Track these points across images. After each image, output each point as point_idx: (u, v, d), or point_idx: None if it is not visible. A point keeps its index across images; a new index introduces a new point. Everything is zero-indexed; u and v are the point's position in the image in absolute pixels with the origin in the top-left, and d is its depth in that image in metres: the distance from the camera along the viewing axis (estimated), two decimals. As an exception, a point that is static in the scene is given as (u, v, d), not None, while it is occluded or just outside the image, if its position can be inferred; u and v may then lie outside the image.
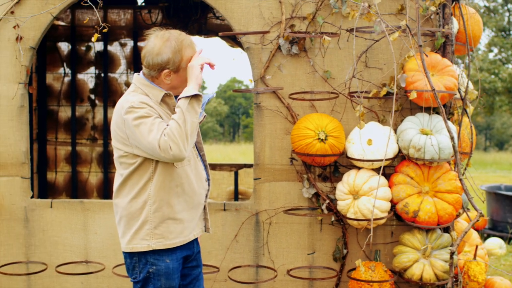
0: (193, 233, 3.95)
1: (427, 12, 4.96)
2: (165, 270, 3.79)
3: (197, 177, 3.91)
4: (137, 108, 3.63)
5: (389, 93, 4.88)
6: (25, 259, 5.36)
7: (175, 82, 3.82)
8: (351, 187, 4.81)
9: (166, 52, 3.72)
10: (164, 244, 3.79)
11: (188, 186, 3.83)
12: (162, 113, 3.76)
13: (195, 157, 3.92)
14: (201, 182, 3.95)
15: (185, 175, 3.81)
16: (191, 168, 3.86)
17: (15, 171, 5.34)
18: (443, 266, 4.77)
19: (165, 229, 3.80)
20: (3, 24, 5.26)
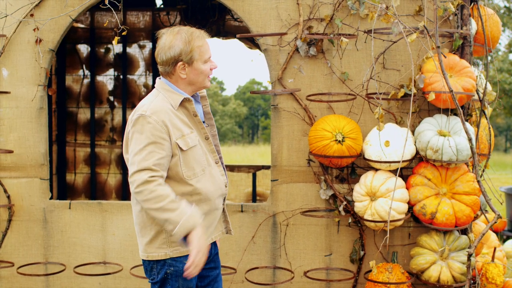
0: (211, 237, 3.96)
1: (445, 13, 4.94)
2: (182, 271, 3.76)
3: (215, 185, 3.89)
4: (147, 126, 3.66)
5: (407, 94, 4.87)
6: (43, 260, 5.40)
7: (191, 75, 3.82)
8: (368, 188, 4.81)
9: (177, 44, 3.75)
10: (181, 251, 3.80)
11: (204, 195, 3.83)
12: (177, 120, 3.76)
13: (211, 164, 3.90)
14: (219, 189, 3.93)
15: (200, 186, 3.81)
16: (207, 178, 3.84)
17: (34, 173, 5.38)
18: (460, 268, 4.75)
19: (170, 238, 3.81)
20: (23, 26, 5.31)
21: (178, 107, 3.81)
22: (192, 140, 3.78)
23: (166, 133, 3.69)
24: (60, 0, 5.28)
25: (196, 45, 3.78)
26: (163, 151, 3.67)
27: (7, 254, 5.40)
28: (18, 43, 5.32)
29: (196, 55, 3.78)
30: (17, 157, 5.36)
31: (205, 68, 3.83)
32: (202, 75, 3.84)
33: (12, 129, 5.35)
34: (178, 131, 3.73)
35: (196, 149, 3.80)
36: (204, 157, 3.84)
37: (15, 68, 5.34)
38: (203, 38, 3.86)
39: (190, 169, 3.76)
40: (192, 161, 3.77)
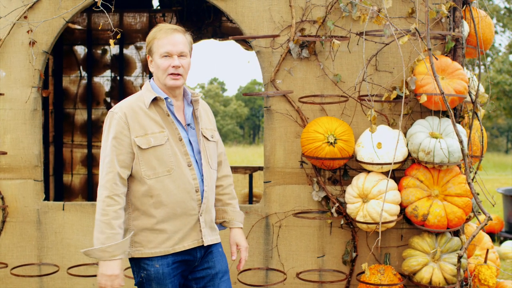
0: (183, 245, 3.86)
1: (438, 15, 4.96)
2: (154, 275, 3.78)
3: (181, 188, 3.79)
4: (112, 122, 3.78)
5: (399, 96, 4.88)
6: (37, 261, 5.42)
7: (153, 69, 3.87)
8: (360, 190, 4.82)
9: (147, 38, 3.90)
10: (142, 253, 3.81)
11: (166, 197, 3.77)
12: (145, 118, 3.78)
13: (182, 166, 3.81)
14: (187, 193, 3.82)
15: (160, 186, 3.76)
16: (172, 179, 3.78)
17: (28, 174, 5.40)
18: (452, 269, 4.76)
19: (144, 238, 3.81)
20: (16, 28, 5.33)
21: (152, 106, 3.82)
22: (156, 139, 3.75)
23: (127, 129, 3.74)
24: (53, 2, 5.29)
25: (156, 38, 3.80)
26: (123, 148, 3.73)
27: (1, 255, 5.42)
28: (12, 45, 5.34)
29: (154, 48, 3.81)
30: (11, 158, 5.37)
31: (161, 63, 3.79)
32: (160, 70, 3.81)
33: (6, 131, 5.37)
34: (141, 129, 3.75)
35: (162, 148, 3.76)
36: (173, 158, 3.78)
37: (9, 70, 5.35)
38: (168, 33, 3.81)
39: (150, 168, 3.74)
40: (154, 161, 3.75)
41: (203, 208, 3.89)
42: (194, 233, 3.89)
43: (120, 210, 3.70)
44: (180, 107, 3.94)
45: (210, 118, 4.15)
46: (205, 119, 4.07)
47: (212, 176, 3.99)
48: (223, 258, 4.07)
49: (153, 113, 3.80)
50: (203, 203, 3.88)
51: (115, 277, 3.68)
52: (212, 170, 4.00)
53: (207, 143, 3.99)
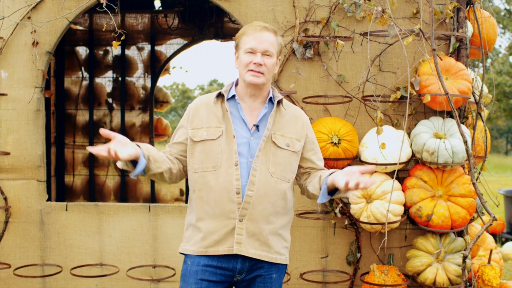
0: (217, 249, 3.62)
1: (442, 15, 4.95)
2: (183, 271, 3.70)
3: (221, 186, 3.59)
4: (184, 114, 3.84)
5: (403, 97, 4.87)
6: (40, 261, 5.41)
7: (237, 65, 3.77)
8: (364, 191, 4.81)
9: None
10: (183, 248, 3.74)
11: (206, 194, 3.62)
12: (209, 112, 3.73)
13: (228, 165, 3.62)
14: (227, 193, 3.59)
15: (202, 182, 3.64)
16: (216, 176, 3.61)
17: (31, 175, 5.39)
18: (456, 270, 4.76)
19: (189, 234, 3.74)
20: (20, 29, 5.32)
21: (217, 101, 3.75)
22: (209, 134, 3.66)
23: (187, 122, 3.75)
24: (57, 3, 5.29)
25: (245, 34, 3.68)
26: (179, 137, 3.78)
27: (4, 255, 5.41)
28: (15, 45, 5.33)
29: (240, 43, 3.70)
30: (14, 159, 5.36)
31: (243, 58, 3.65)
32: (241, 66, 3.68)
33: (9, 131, 5.36)
34: (199, 121, 3.71)
35: (212, 144, 3.64)
36: (221, 155, 3.62)
37: (12, 70, 5.34)
38: (257, 30, 3.66)
39: (198, 162, 3.66)
40: (202, 155, 3.65)
41: (243, 213, 3.59)
42: (231, 239, 3.62)
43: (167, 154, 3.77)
44: (257, 108, 3.75)
45: (299, 127, 3.81)
46: (288, 126, 3.78)
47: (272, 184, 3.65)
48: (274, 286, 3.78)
49: (216, 108, 3.73)
50: (243, 208, 3.59)
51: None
52: (274, 179, 3.66)
53: (277, 150, 3.70)
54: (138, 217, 5.32)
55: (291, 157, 3.74)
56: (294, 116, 3.83)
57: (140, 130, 8.79)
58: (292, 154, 3.75)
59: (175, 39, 8.71)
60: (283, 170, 3.71)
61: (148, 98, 8.76)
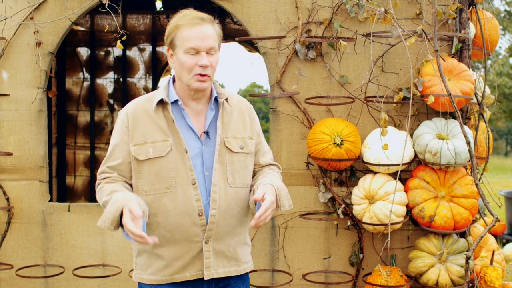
0: (184, 275, 3.30)
1: (444, 16, 4.95)
2: None
3: (180, 209, 3.23)
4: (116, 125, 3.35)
5: (405, 97, 4.88)
6: (42, 262, 5.41)
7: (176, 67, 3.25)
8: (366, 191, 4.81)
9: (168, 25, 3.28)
10: (141, 277, 3.36)
11: (164, 219, 3.23)
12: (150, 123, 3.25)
13: (184, 184, 3.24)
14: (188, 216, 3.23)
15: (157, 206, 3.23)
16: (172, 198, 3.22)
17: (34, 175, 5.39)
18: (459, 271, 4.76)
19: (144, 262, 3.36)
20: (22, 29, 5.32)
21: (158, 108, 3.27)
22: (156, 150, 3.23)
23: (127, 135, 3.27)
24: (59, 3, 5.29)
25: (179, 29, 3.17)
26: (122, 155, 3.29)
27: (6, 256, 5.41)
28: (18, 45, 5.33)
29: (176, 41, 3.20)
30: (17, 159, 5.36)
31: (186, 60, 3.18)
32: (184, 69, 3.20)
33: (12, 132, 5.36)
34: (141, 136, 3.25)
35: (162, 161, 3.22)
36: (174, 173, 3.23)
37: (14, 71, 5.34)
38: (195, 24, 3.19)
39: (147, 183, 3.25)
40: (151, 175, 3.24)
41: (209, 235, 3.28)
42: (198, 263, 3.31)
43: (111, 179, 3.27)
44: (202, 111, 3.36)
45: (247, 122, 3.48)
46: (237, 124, 3.43)
47: (232, 196, 3.33)
48: None
49: (158, 117, 3.26)
50: (208, 229, 3.26)
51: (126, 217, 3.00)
52: (233, 189, 3.33)
53: (232, 156, 3.35)
54: (141, 217, 5.31)
55: (246, 160, 3.42)
56: (240, 110, 3.47)
57: (141, 131, 8.78)
58: (247, 155, 3.43)
59: (176, 40, 8.71)
60: (241, 176, 3.39)
61: (150, 99, 8.75)
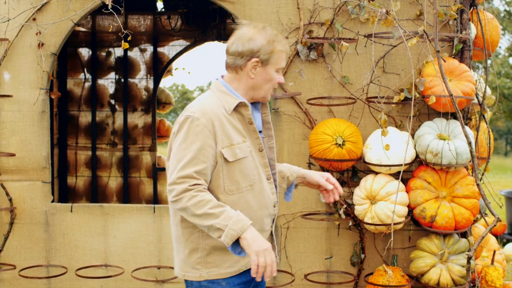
0: None
1: (445, 17, 4.97)
2: None
3: (261, 203, 3.49)
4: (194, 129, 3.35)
5: (406, 98, 4.90)
6: (45, 262, 5.43)
7: (259, 78, 3.46)
8: (368, 192, 4.83)
9: (259, 38, 3.42)
10: (217, 273, 3.44)
11: (247, 214, 3.36)
12: (229, 126, 3.41)
13: (262, 180, 3.51)
14: (266, 209, 3.52)
15: (243, 202, 3.42)
16: (254, 194, 3.46)
17: (36, 176, 5.41)
18: (460, 271, 4.78)
19: (219, 257, 3.45)
20: (25, 30, 5.34)
21: (232, 112, 3.45)
22: (242, 151, 3.41)
23: (213, 139, 3.36)
24: (62, 4, 5.31)
25: (278, 49, 3.45)
26: (207, 159, 3.34)
27: (9, 256, 5.43)
28: (21, 47, 5.35)
29: (273, 59, 3.45)
30: (19, 160, 5.38)
31: (275, 77, 3.48)
32: (269, 83, 3.49)
33: (14, 133, 5.38)
34: (227, 139, 3.39)
35: (246, 161, 3.43)
36: (255, 171, 3.47)
37: (17, 72, 5.37)
38: (285, 47, 3.51)
39: (233, 183, 3.41)
40: (238, 175, 3.41)
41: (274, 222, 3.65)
42: None
43: (204, 188, 3.30)
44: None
45: None
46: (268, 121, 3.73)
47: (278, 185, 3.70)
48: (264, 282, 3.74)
49: (234, 120, 3.46)
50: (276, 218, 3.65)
51: (269, 249, 3.20)
52: None
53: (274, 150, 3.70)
54: (143, 218, 5.34)
55: None
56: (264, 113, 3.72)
57: (142, 132, 8.79)
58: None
59: (177, 41, 8.71)
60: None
61: (151, 99, 8.76)
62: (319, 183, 3.74)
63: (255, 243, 3.17)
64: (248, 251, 3.18)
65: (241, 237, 3.19)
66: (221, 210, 3.22)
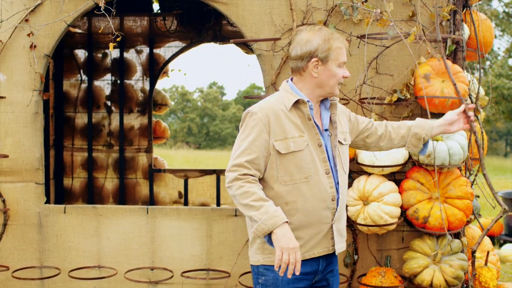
0: (313, 252, 3.75)
1: (438, 18, 4.97)
2: (272, 280, 3.69)
3: (317, 196, 3.68)
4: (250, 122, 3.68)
5: (399, 99, 4.89)
6: (38, 264, 5.43)
7: (322, 76, 3.71)
8: (361, 193, 4.83)
9: (316, 39, 3.69)
10: (272, 260, 3.68)
11: (302, 205, 3.66)
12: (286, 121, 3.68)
13: (319, 174, 3.70)
14: (324, 201, 3.70)
15: (297, 193, 3.66)
16: (310, 186, 3.67)
17: (30, 177, 5.41)
18: (453, 272, 4.77)
19: None
20: (18, 32, 5.34)
21: (292, 108, 3.72)
22: (296, 144, 3.65)
23: (267, 132, 3.65)
24: (55, 6, 5.31)
25: (335, 45, 3.69)
26: (259, 150, 3.63)
27: (2, 258, 5.43)
28: (14, 48, 5.35)
29: (332, 55, 3.70)
30: (13, 161, 5.38)
31: (338, 72, 3.72)
32: (333, 79, 3.73)
33: (8, 134, 5.38)
34: (282, 132, 3.66)
35: (302, 154, 3.66)
36: (312, 164, 3.67)
37: (10, 73, 5.37)
38: (342, 42, 3.76)
39: (287, 174, 3.65)
40: (292, 166, 3.65)
41: (336, 216, 3.78)
42: (325, 241, 3.78)
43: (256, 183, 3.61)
44: (318, 111, 3.84)
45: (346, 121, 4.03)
46: (340, 121, 3.95)
47: (345, 182, 3.88)
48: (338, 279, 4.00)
49: (293, 116, 3.72)
50: (337, 211, 3.77)
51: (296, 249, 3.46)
52: (346, 175, 3.90)
53: (342, 147, 3.88)
54: (136, 219, 5.34)
55: (347, 150, 3.98)
56: (341, 109, 4.03)
57: (138, 133, 8.81)
58: (347, 147, 3.99)
59: (173, 42, 8.73)
60: (347, 164, 3.95)
61: (147, 100, 8.78)
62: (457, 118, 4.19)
63: (283, 240, 3.43)
64: (275, 246, 3.45)
65: (272, 232, 3.45)
66: (261, 204, 3.49)
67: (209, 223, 5.28)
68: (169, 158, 28.11)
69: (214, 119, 50.95)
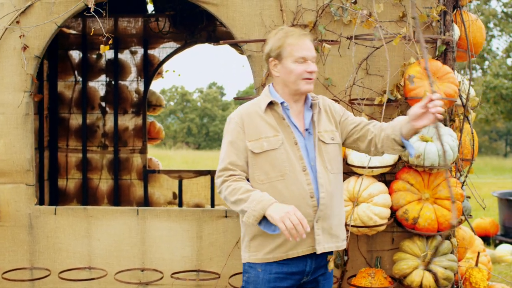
0: (296, 251, 3.75)
1: (428, 19, 4.97)
2: (254, 278, 3.78)
3: (295, 193, 3.71)
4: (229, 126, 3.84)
5: (389, 100, 4.90)
6: (29, 265, 5.43)
7: (282, 74, 3.78)
8: (350, 194, 4.83)
9: (271, 40, 3.81)
10: (256, 258, 3.78)
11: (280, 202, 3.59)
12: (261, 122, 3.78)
13: (296, 171, 3.73)
14: (302, 199, 3.71)
15: (274, 191, 3.68)
16: (286, 184, 3.71)
17: (20, 179, 5.41)
18: (443, 273, 4.77)
19: (260, 243, 3.77)
20: (9, 33, 5.34)
21: (267, 110, 3.81)
22: (270, 143, 3.73)
23: (243, 133, 3.76)
24: (45, 7, 5.31)
25: (287, 42, 3.73)
26: (238, 151, 3.75)
27: (-7, 259, 5.44)
28: (4, 49, 5.35)
29: (285, 52, 3.74)
30: (3, 163, 5.38)
31: (295, 68, 3.73)
32: (292, 75, 3.74)
33: (-2, 135, 5.39)
34: (256, 133, 3.75)
35: (276, 153, 3.72)
36: (287, 162, 3.71)
37: (1, 75, 5.37)
38: (300, 38, 3.76)
39: (263, 173, 3.73)
40: (267, 165, 3.72)
41: (319, 215, 3.74)
42: (309, 240, 3.76)
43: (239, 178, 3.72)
44: (301, 111, 3.88)
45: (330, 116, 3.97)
46: (325, 121, 3.93)
47: (333, 181, 3.84)
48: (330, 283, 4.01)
49: (268, 117, 3.80)
50: (320, 210, 3.74)
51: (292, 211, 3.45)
52: (333, 174, 3.85)
53: (326, 146, 3.86)
54: (127, 220, 5.34)
55: (337, 150, 3.93)
56: (324, 109, 3.98)
57: (133, 134, 8.80)
58: (337, 146, 3.94)
59: (168, 43, 8.73)
60: (336, 163, 3.91)
61: (141, 101, 8.77)
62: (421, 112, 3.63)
63: (278, 211, 3.44)
64: (275, 221, 3.44)
65: (265, 215, 3.50)
66: (248, 195, 3.58)
67: (200, 224, 5.28)
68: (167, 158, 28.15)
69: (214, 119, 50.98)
